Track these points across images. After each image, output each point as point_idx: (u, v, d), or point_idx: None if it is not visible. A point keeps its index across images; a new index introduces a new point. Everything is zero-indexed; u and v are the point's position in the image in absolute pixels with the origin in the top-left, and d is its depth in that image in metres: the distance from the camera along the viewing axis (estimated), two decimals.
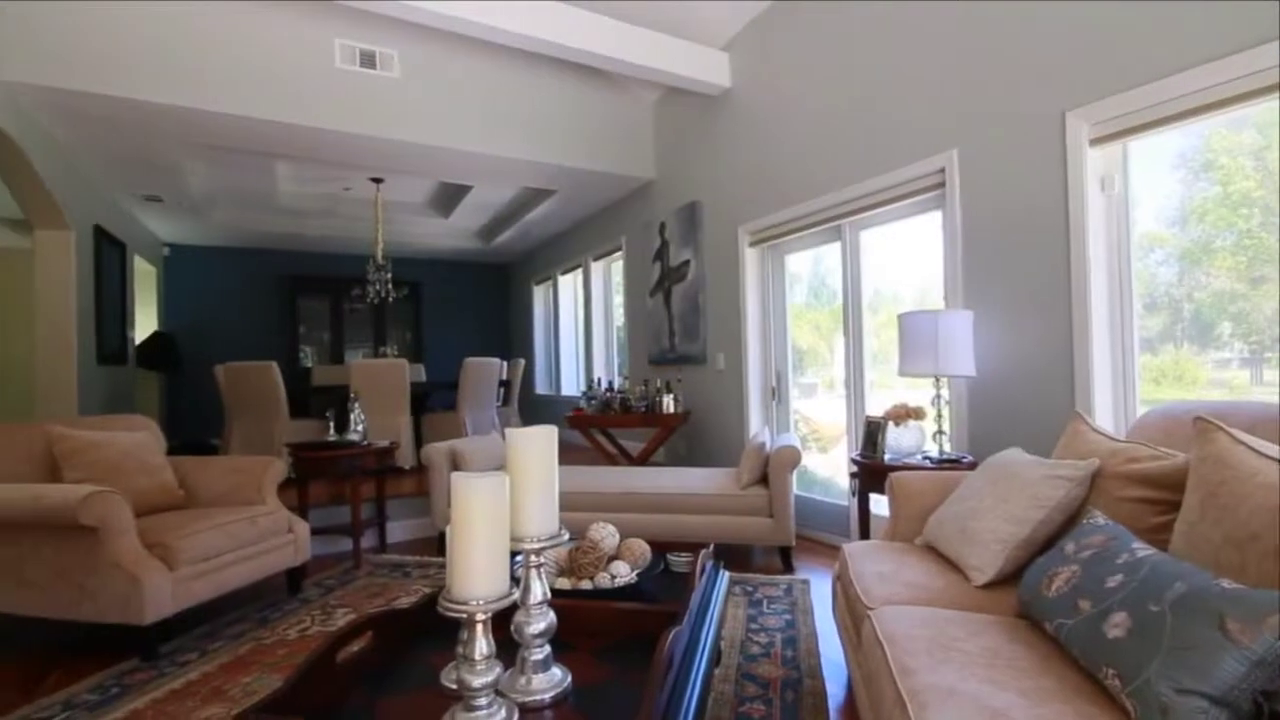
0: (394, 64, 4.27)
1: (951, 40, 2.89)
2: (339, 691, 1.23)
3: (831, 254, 3.87)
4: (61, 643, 2.49)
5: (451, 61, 4.47)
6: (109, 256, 5.26)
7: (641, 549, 1.82)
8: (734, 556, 3.40)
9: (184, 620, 2.54)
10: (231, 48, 3.81)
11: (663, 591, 1.74)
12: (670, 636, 1.15)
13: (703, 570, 1.68)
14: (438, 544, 3.75)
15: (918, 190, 3.09)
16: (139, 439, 2.87)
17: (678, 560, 1.92)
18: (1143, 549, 1.22)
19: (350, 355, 8.78)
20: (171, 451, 3.13)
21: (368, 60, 4.19)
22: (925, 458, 2.66)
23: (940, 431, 2.65)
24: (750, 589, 2.94)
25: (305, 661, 1.17)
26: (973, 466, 2.48)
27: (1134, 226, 2.39)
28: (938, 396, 2.65)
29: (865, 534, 2.79)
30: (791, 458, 3.18)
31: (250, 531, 2.73)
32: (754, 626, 2.52)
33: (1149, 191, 2.38)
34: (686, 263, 4.98)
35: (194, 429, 7.29)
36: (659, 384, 4.61)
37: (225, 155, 5.07)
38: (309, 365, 8.32)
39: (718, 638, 1.63)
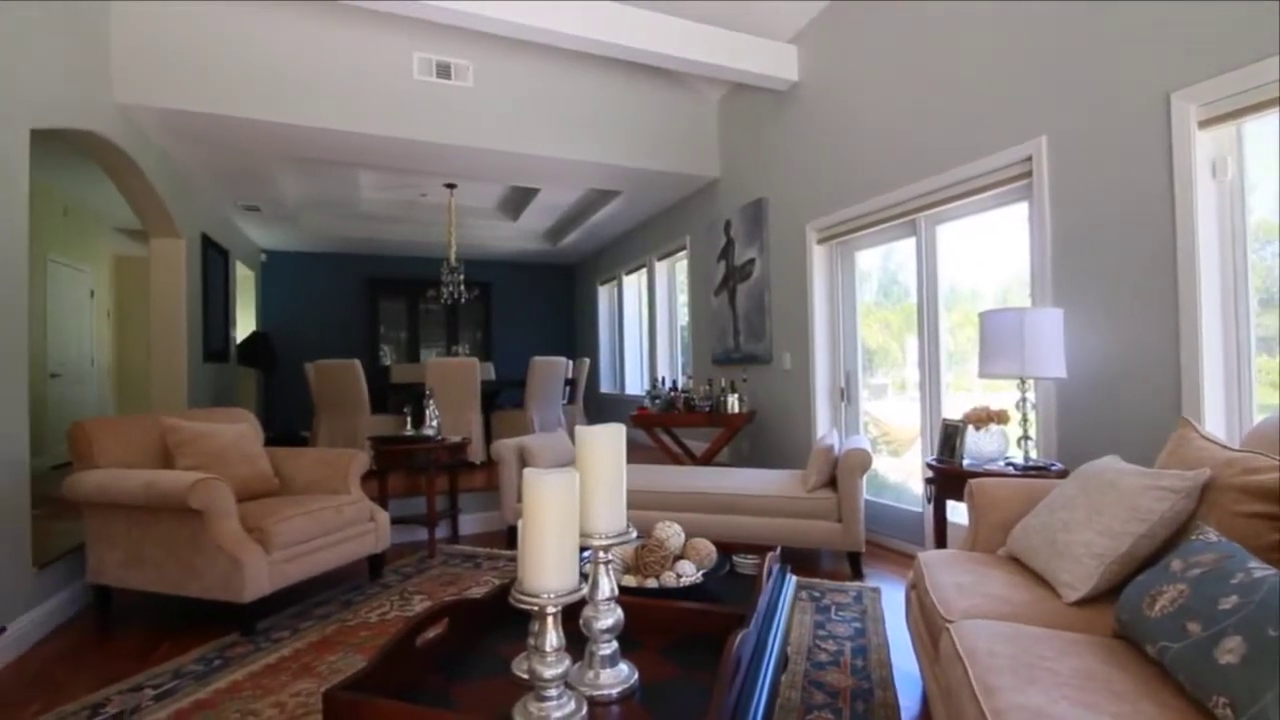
0: (468, 74, 4.43)
1: (1039, 20, 2.72)
2: (417, 674, 1.29)
3: (904, 250, 3.72)
4: (172, 616, 2.73)
5: (521, 69, 4.59)
6: (214, 262, 5.72)
7: (707, 549, 1.81)
8: (800, 560, 3.33)
9: (278, 600, 2.73)
10: (320, 66, 4.06)
11: (728, 593, 1.72)
12: (738, 639, 1.14)
13: (770, 573, 1.66)
14: (506, 537, 3.86)
15: (1001, 181, 2.93)
16: (240, 430, 3.10)
17: (744, 562, 1.90)
18: (1260, 569, 1.11)
19: (425, 354, 9.18)
20: (267, 443, 3.36)
21: (443, 71, 4.36)
22: (1009, 464, 2.52)
23: (1026, 437, 2.50)
24: (817, 595, 2.87)
25: (387, 644, 1.23)
26: (1062, 475, 2.32)
27: (1249, 215, 2.17)
28: (1023, 399, 2.50)
29: (941, 542, 2.67)
30: (862, 461, 3.09)
31: (336, 519, 2.90)
32: (821, 633, 2.46)
33: (1268, 177, 2.15)
34: (752, 261, 4.92)
35: (287, 422, 7.82)
36: (723, 383, 4.57)
37: (314, 166, 5.42)
38: (387, 363, 8.77)
39: (785, 643, 1.61)
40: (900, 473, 3.91)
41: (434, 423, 3.97)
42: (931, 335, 3.43)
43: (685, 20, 4.04)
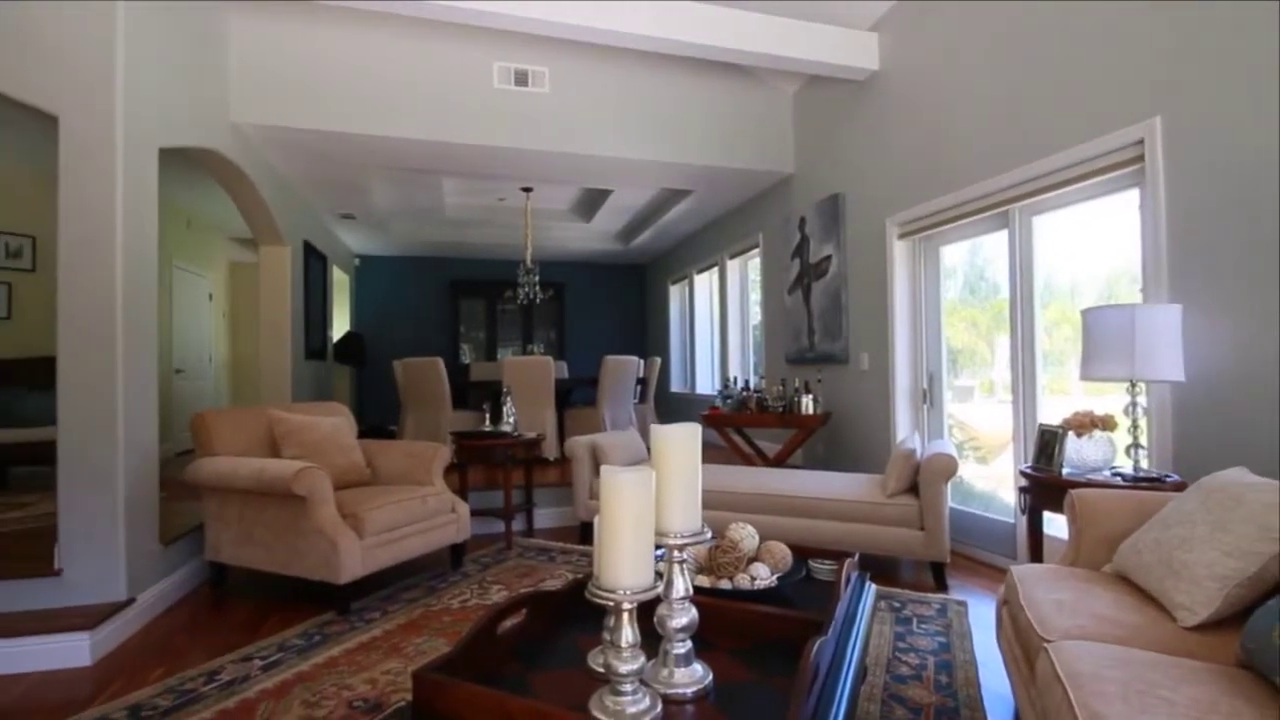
0: (545, 80, 4.55)
1: None
2: (498, 660, 1.34)
3: (994, 244, 3.51)
4: (277, 593, 2.96)
5: (595, 73, 4.67)
6: (314, 267, 6.15)
7: (782, 553, 1.78)
8: (878, 569, 3.20)
9: (369, 582, 2.90)
10: (409, 81, 4.29)
11: (804, 598, 1.68)
12: (816, 646, 1.11)
13: (848, 580, 1.61)
14: (579, 533, 3.94)
15: (1108, 167, 2.70)
16: (337, 423, 3.32)
17: (820, 567, 1.85)
18: None
19: (501, 352, 9.52)
20: (359, 435, 3.58)
21: (521, 79, 4.50)
22: (1115, 474, 2.32)
23: (1136, 445, 2.29)
24: (897, 605, 2.75)
25: (471, 630, 1.28)
26: (1179, 487, 2.12)
27: None
28: (1132, 404, 2.30)
29: (1037, 556, 2.50)
30: (947, 466, 2.93)
31: (422, 509, 3.05)
32: (902, 645, 2.36)
33: None
34: (828, 258, 4.78)
35: (376, 416, 8.31)
36: (797, 384, 4.46)
37: (403, 175, 5.72)
38: (467, 361, 9.15)
39: (864, 653, 1.55)
40: (989, 480, 3.69)
41: (511, 419, 4.11)
42: (1026, 334, 3.21)
43: (760, 14, 3.98)
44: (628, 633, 1.06)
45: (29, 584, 2.43)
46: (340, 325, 8.16)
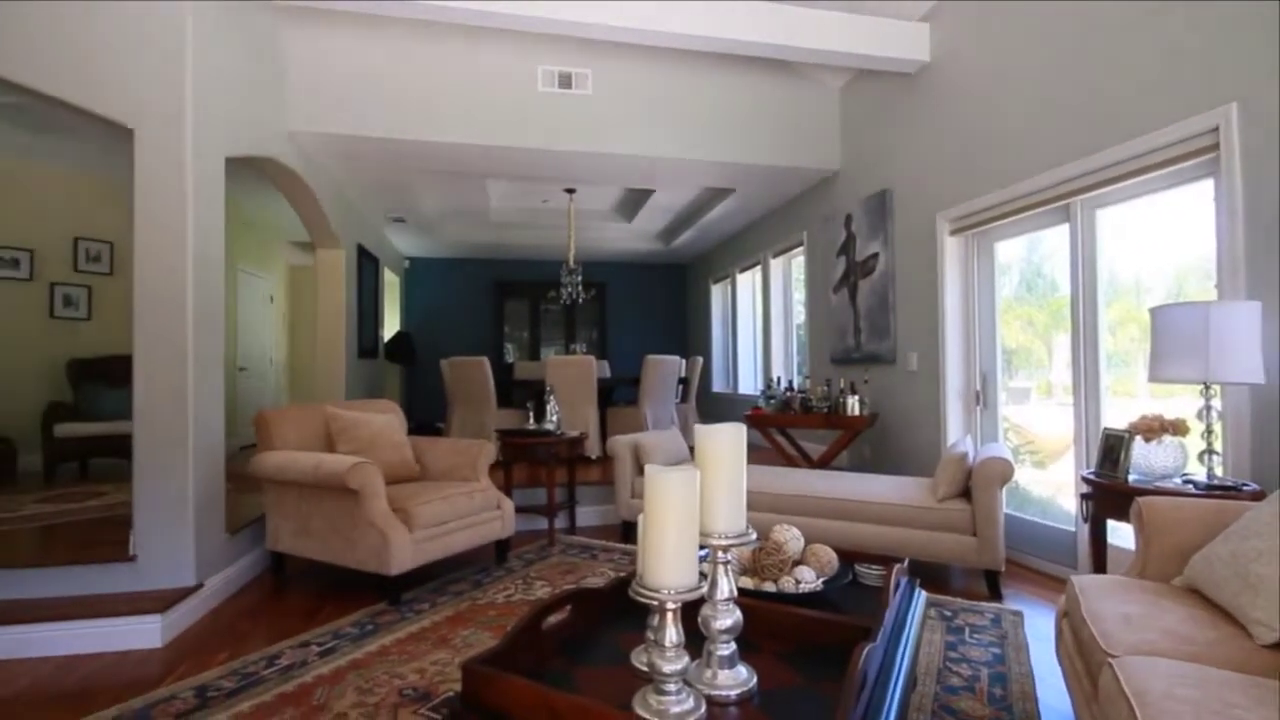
0: (588, 82, 4.59)
1: None
2: (543, 655, 1.36)
3: (1053, 239, 3.36)
4: (332, 583, 3.07)
5: (638, 73, 4.68)
6: (367, 269, 6.37)
7: (828, 556, 1.75)
8: (928, 575, 3.11)
9: (418, 575, 2.98)
10: (455, 86, 4.39)
11: (851, 603, 1.65)
12: (865, 652, 1.09)
13: (897, 585, 1.57)
14: (621, 532, 3.96)
15: (1179, 156, 2.55)
16: (388, 420, 3.43)
17: (867, 572, 1.81)
18: None
19: (544, 351, 9.65)
20: (408, 433, 3.69)
21: (565, 81, 4.55)
22: (1187, 482, 2.19)
23: (1210, 451, 2.16)
24: (948, 613, 2.67)
25: (517, 625, 1.31)
26: (1258, 496, 1.99)
27: None
28: (1206, 408, 2.16)
29: (1100, 566, 2.38)
30: (1001, 471, 2.83)
31: (468, 505, 3.13)
32: (953, 655, 2.29)
33: None
34: (875, 255, 4.67)
35: (424, 413, 8.55)
36: (842, 384, 4.38)
37: (451, 179, 5.86)
38: (510, 361, 9.31)
39: (913, 662, 1.51)
40: (1047, 486, 3.54)
41: (554, 418, 4.16)
42: (1088, 333, 3.07)
43: (807, 8, 3.91)
44: (671, 633, 1.06)
45: (107, 569, 2.60)
46: (390, 325, 8.42)
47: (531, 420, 4.25)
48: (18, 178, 5.09)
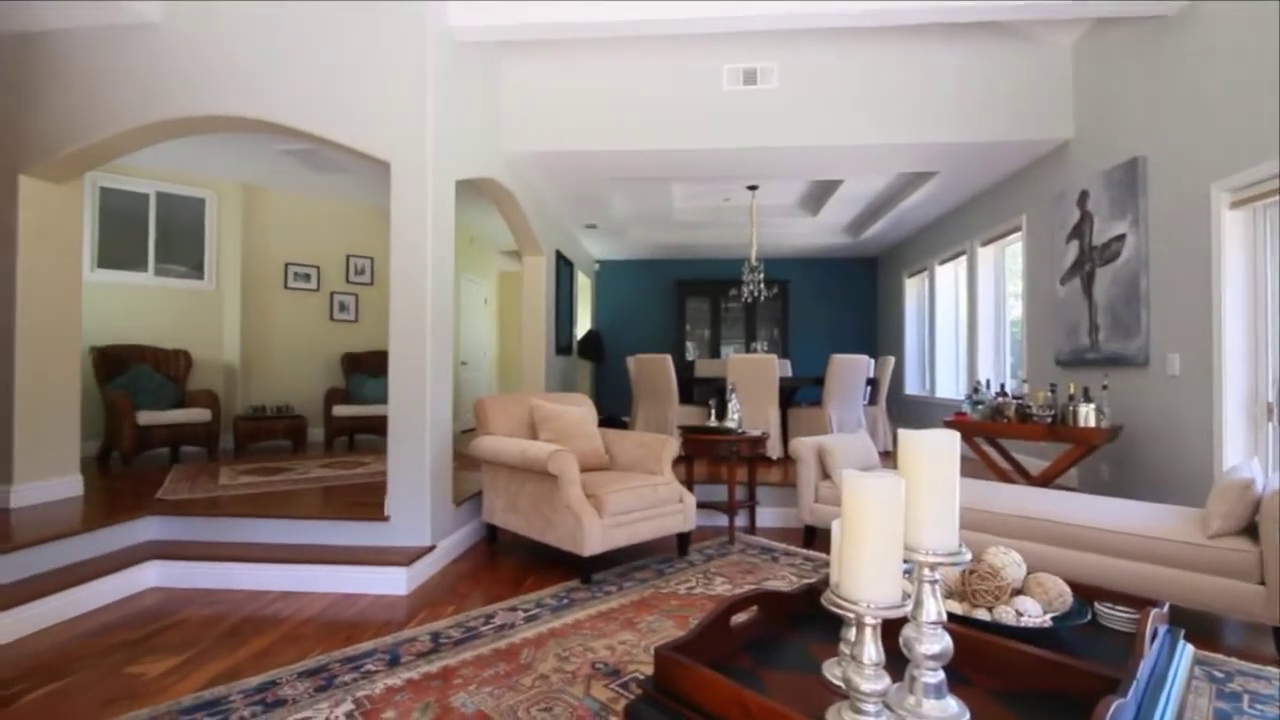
0: (773, 76, 4.51)
1: None
2: (729, 651, 1.37)
3: None
4: (535, 557, 3.41)
5: (824, 59, 4.48)
6: (563, 273, 6.94)
7: (1058, 589, 1.52)
8: (1190, 625, 2.56)
9: (606, 559, 3.18)
10: (644, 95, 4.60)
11: (1088, 647, 1.42)
12: (1111, 708, 0.93)
13: (1154, 634, 1.31)
14: (803, 536, 3.83)
15: None
16: (582, 412, 3.71)
17: (1110, 613, 1.54)
18: None
19: (724, 350, 9.68)
20: (598, 424, 3.95)
21: (750, 78, 4.52)
22: None
23: None
24: (1219, 674, 2.17)
25: (707, 618, 1.34)
26: None
27: None
28: None
29: None
30: None
31: (653, 496, 3.26)
32: None
33: None
34: (1119, 238, 3.94)
35: (611, 407, 9.09)
36: (1072, 390, 3.76)
37: (638, 184, 6.15)
38: (691, 359, 9.50)
39: None
40: None
41: (735, 416, 4.15)
42: None
43: None
44: (871, 650, 1.01)
45: (368, 525, 3.16)
46: (582, 324, 9.08)
47: (713, 417, 4.29)
48: (309, 208, 6.45)
